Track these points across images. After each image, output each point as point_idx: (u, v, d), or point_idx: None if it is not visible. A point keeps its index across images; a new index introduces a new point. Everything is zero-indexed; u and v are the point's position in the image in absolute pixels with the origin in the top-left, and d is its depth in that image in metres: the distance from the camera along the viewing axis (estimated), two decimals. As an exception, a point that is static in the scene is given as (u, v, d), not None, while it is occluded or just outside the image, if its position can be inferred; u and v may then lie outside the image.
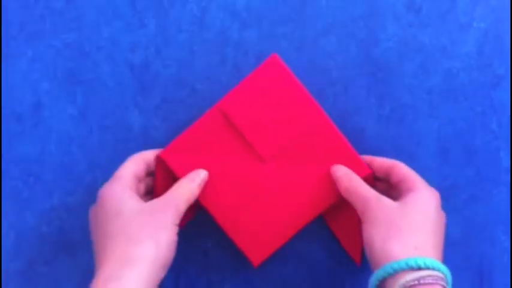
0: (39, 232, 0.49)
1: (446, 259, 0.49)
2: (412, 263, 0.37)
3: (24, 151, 0.49)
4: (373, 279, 0.38)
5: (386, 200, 0.41)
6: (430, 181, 0.49)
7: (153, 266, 0.38)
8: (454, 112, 0.49)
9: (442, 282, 0.37)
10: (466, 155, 0.49)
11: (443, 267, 0.38)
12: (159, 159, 0.45)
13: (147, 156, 0.45)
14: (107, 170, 0.49)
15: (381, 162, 0.45)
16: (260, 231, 0.45)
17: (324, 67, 0.49)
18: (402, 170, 0.44)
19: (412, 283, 0.36)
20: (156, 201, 0.42)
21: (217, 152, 0.45)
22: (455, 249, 0.49)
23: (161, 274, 0.39)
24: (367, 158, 0.46)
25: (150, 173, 0.46)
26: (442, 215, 0.43)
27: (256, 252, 0.45)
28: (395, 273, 0.37)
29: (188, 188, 0.43)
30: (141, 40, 0.49)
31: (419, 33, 0.49)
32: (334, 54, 0.49)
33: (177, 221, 0.41)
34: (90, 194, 0.49)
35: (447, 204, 0.49)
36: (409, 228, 0.39)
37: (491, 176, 0.49)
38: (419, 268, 0.37)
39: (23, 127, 0.49)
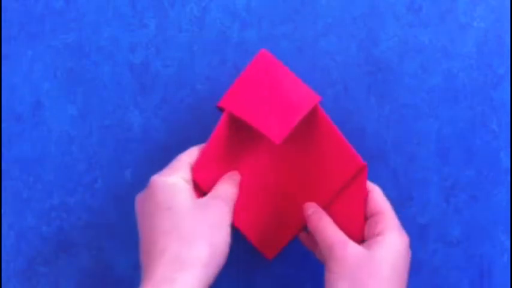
0: (39, 232, 0.49)
1: (447, 259, 0.49)
2: None
3: (24, 151, 0.49)
4: None
5: (352, 248, 0.38)
6: (430, 181, 0.49)
7: (207, 270, 0.36)
8: (454, 112, 0.49)
9: None
10: (466, 155, 0.49)
11: None
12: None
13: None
14: (107, 170, 0.49)
15: None
16: (272, 226, 0.45)
17: (324, 67, 0.49)
18: (374, 201, 0.41)
19: None
20: (208, 199, 0.39)
21: (233, 158, 0.44)
22: (455, 249, 0.49)
23: (213, 277, 0.37)
24: None
25: None
26: (409, 260, 0.40)
27: (270, 247, 0.46)
28: None
29: (231, 186, 0.41)
30: (141, 40, 0.49)
31: (419, 33, 0.49)
32: (334, 54, 0.49)
33: (230, 221, 0.39)
34: (90, 194, 0.49)
35: (447, 204, 0.49)
36: (374, 283, 0.37)
37: (491, 176, 0.49)
38: None
39: (23, 127, 0.49)
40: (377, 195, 0.42)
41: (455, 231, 0.49)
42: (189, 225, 0.37)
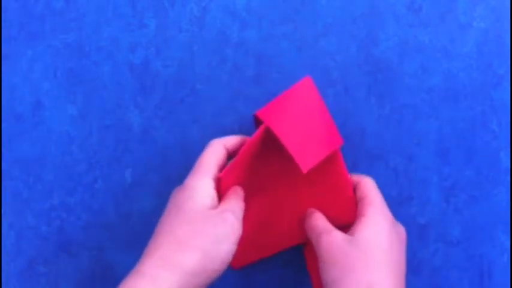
0: (39, 232, 0.49)
1: (447, 259, 0.49)
2: None
3: (24, 151, 0.49)
4: None
5: (337, 234, 0.40)
6: (430, 181, 0.49)
7: (191, 278, 0.36)
8: (454, 112, 0.49)
9: None
10: (466, 155, 0.49)
11: None
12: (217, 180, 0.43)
13: (228, 142, 0.42)
14: (107, 170, 0.49)
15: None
16: (251, 241, 0.46)
17: (324, 67, 0.49)
18: (363, 187, 0.42)
19: None
20: (221, 212, 0.39)
21: (252, 170, 0.45)
22: (455, 249, 0.49)
23: (203, 285, 0.37)
24: None
25: (229, 158, 0.43)
26: (397, 238, 0.40)
27: (240, 258, 0.46)
28: None
29: (241, 201, 0.42)
30: (141, 40, 0.49)
31: (419, 33, 0.49)
32: (334, 54, 0.49)
33: (236, 238, 0.39)
34: (90, 194, 0.49)
35: (447, 204, 0.49)
36: (362, 266, 0.37)
37: (491, 176, 0.49)
38: None
39: (23, 127, 0.49)
40: (366, 183, 0.43)
41: (455, 231, 0.49)
42: (190, 232, 0.38)
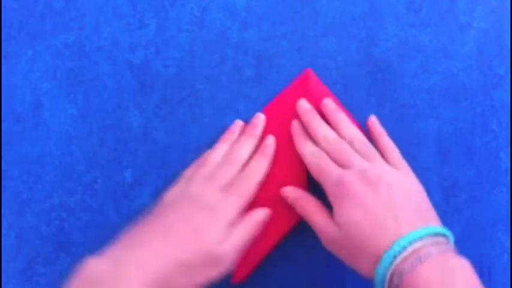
0: (39, 232, 0.49)
1: (446, 259, 0.49)
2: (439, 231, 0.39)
3: (24, 151, 0.49)
4: (395, 251, 0.38)
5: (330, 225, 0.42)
6: (430, 181, 0.49)
7: None
8: (454, 112, 0.49)
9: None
10: (466, 155, 0.49)
11: (449, 233, 0.41)
12: None
13: None
14: (107, 170, 0.49)
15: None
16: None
17: (324, 67, 0.49)
18: (381, 142, 0.46)
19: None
20: None
21: None
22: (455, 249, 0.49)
23: None
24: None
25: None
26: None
27: (240, 270, 0.46)
28: (420, 239, 0.38)
29: None
30: (141, 40, 0.49)
31: (419, 33, 0.49)
32: (334, 54, 0.49)
33: None
34: (90, 194, 0.49)
35: (447, 204, 0.49)
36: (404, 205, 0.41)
37: (491, 176, 0.49)
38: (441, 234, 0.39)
39: (23, 127, 0.49)
40: (383, 138, 0.47)
41: (456, 231, 0.49)
42: None
